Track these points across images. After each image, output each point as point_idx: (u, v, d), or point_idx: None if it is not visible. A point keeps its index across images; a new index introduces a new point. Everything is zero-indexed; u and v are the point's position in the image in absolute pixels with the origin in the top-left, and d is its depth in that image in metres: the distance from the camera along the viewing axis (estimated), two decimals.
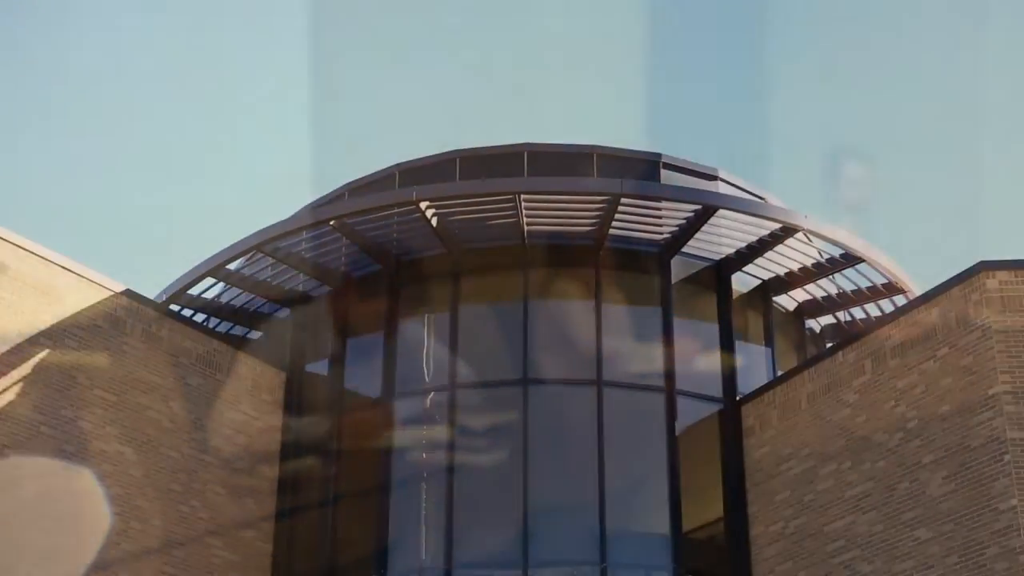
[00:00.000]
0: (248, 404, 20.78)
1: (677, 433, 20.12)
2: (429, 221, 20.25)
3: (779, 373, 21.16)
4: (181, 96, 45.95)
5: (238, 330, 22.89)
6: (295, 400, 21.42)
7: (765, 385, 20.45)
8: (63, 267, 18.72)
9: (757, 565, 19.49)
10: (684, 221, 20.58)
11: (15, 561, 16.83)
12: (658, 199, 20.28)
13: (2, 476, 17.02)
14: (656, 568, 19.81)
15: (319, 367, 21.68)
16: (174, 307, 21.75)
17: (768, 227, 20.70)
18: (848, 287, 22.25)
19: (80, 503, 17.97)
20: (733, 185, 22.41)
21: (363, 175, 22.58)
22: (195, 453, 19.75)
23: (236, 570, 19.83)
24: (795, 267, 21.75)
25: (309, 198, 23.21)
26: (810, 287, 22.33)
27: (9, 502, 16.97)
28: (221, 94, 46.51)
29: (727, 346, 21.02)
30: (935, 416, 17.34)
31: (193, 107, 46.27)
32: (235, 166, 48.94)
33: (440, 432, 20.05)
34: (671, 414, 20.19)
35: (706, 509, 20.41)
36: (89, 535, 17.94)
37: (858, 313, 23.02)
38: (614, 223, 20.42)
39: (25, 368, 17.80)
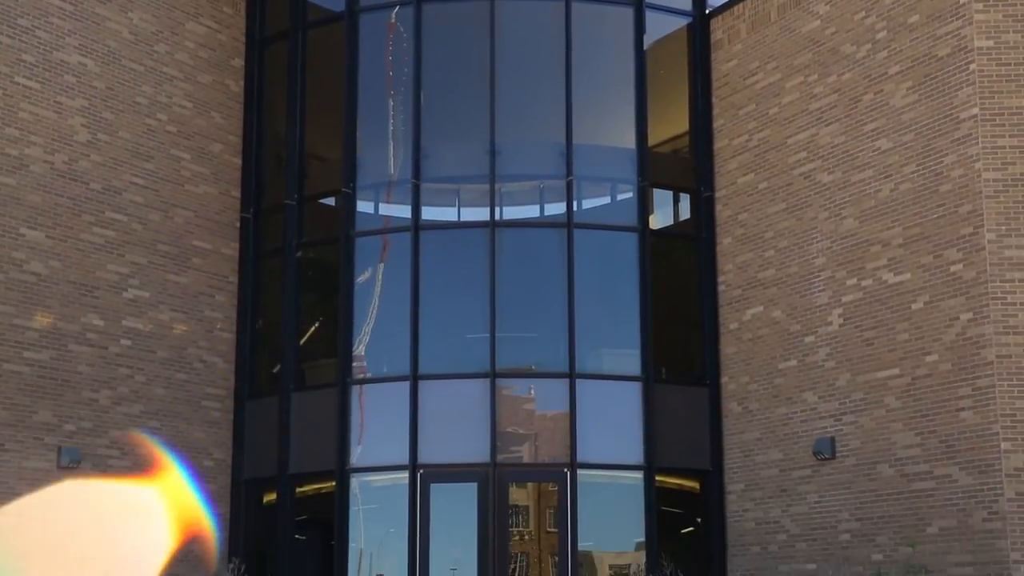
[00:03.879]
0: (209, 16, 20.34)
1: (645, 48, 19.95)
2: None
3: None
4: None
5: None
6: (257, 11, 20.99)
7: None
8: None
9: (720, 177, 19.81)
10: None
11: None
12: None
13: None
14: (621, 181, 20.14)
15: None
16: None
17: None
18: None
19: None
20: None
21: None
22: (158, 66, 19.49)
23: (206, 182, 20.01)
24: None
25: None
26: None
27: None
28: None
29: None
30: (904, 26, 17.20)
31: None
32: None
33: (406, 46, 19.79)
34: (639, 28, 19.94)
35: (672, 123, 20.55)
36: None
37: None
38: None
39: None
